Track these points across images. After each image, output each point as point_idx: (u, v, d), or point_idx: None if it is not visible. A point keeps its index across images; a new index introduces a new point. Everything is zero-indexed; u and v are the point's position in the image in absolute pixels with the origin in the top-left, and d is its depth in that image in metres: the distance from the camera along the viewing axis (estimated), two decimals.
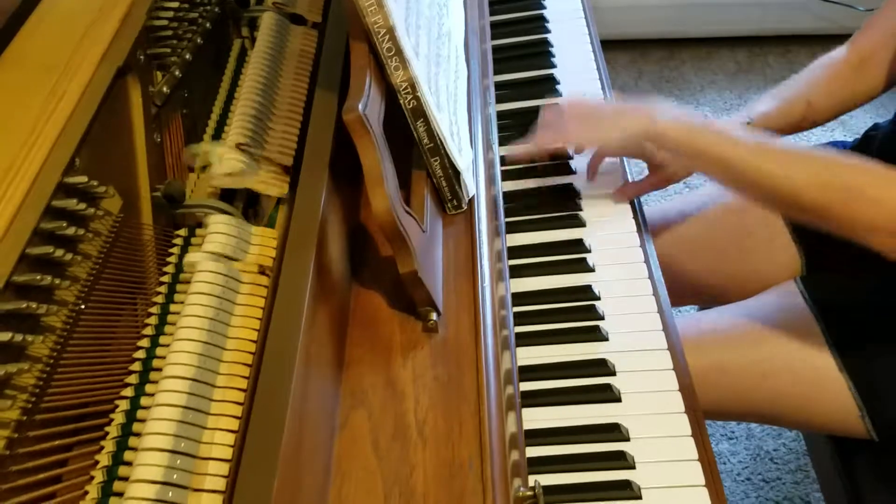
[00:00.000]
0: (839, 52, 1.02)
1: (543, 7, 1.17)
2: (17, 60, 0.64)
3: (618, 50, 2.21)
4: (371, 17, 0.56)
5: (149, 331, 0.64)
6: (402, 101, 0.62)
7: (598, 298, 0.79)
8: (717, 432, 1.53)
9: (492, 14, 1.14)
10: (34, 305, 0.51)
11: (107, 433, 0.57)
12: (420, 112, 0.63)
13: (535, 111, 0.99)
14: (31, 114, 0.59)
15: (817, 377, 0.87)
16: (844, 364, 0.86)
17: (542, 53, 1.10)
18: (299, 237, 0.58)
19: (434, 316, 0.60)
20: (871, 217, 0.74)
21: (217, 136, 0.83)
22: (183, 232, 0.72)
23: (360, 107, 0.53)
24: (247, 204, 0.80)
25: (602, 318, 0.78)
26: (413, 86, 0.61)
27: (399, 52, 0.59)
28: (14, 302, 0.50)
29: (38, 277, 0.52)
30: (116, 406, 0.59)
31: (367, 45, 0.58)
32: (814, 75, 1.02)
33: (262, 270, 0.65)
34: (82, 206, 0.58)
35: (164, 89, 0.75)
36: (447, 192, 0.69)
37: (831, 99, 1.01)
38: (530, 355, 0.75)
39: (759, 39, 2.37)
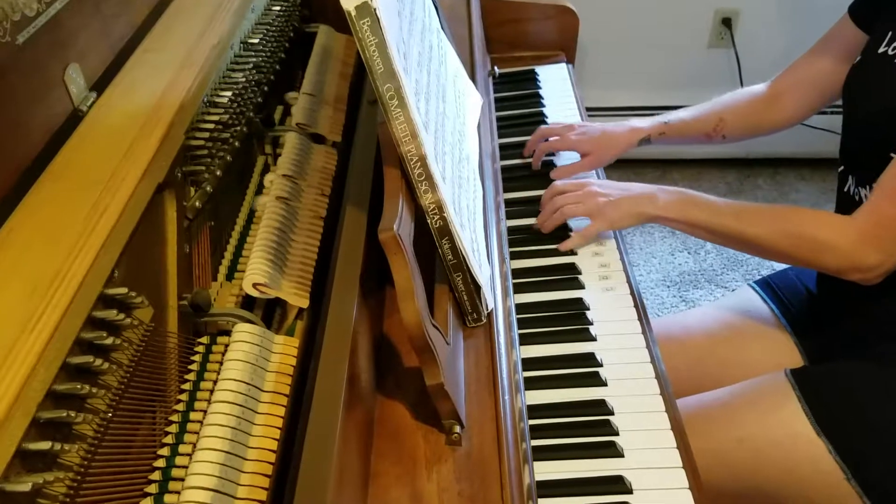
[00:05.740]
0: (759, 87, 1.17)
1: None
2: (61, 174, 0.66)
3: (613, 168, 2.29)
4: (405, 146, 0.61)
5: (169, 439, 0.65)
6: (429, 221, 0.65)
7: (612, 413, 0.80)
8: None
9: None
10: (73, 414, 0.52)
11: None
12: (446, 231, 0.66)
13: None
14: (76, 226, 0.60)
15: (796, 443, 0.90)
16: (822, 429, 0.89)
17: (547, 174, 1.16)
18: (333, 347, 0.59)
19: (458, 429, 0.61)
20: (836, 261, 0.87)
21: (240, 247, 0.87)
22: (205, 340, 0.74)
23: (395, 226, 0.56)
24: (265, 314, 0.82)
25: (617, 434, 0.78)
26: (440, 207, 0.65)
27: (429, 178, 0.63)
28: (54, 411, 0.51)
29: (79, 386, 0.53)
30: None
31: (400, 170, 0.62)
32: (733, 99, 1.18)
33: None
34: (121, 316, 0.59)
35: (197, 204, 0.78)
36: (468, 306, 0.72)
37: (742, 122, 1.17)
38: (547, 469, 0.75)
39: (749, 161, 2.47)
